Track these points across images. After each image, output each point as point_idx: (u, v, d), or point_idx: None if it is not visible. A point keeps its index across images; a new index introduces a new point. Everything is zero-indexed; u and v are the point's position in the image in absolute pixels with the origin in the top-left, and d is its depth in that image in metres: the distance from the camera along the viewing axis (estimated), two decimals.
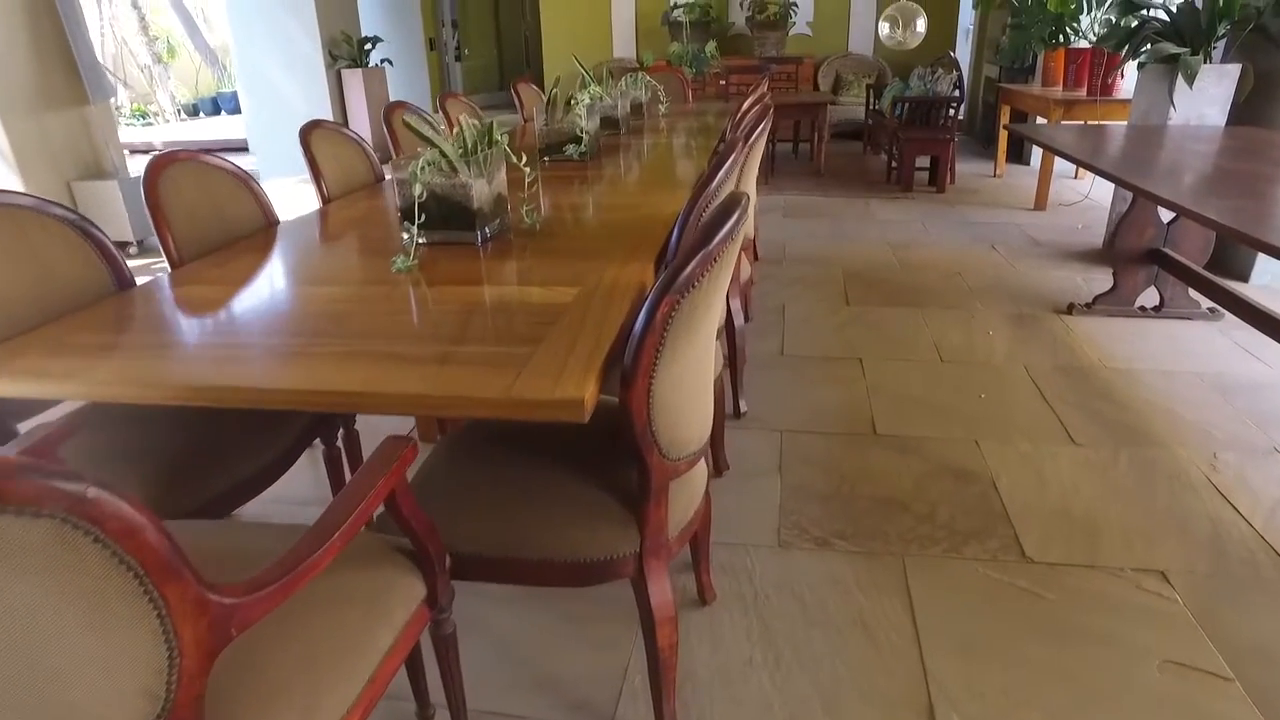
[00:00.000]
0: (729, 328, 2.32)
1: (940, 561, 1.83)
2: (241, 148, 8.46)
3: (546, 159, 2.70)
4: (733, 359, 2.40)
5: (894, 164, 6.03)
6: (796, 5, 7.91)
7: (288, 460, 1.58)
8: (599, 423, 1.14)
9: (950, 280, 3.77)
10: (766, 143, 6.19)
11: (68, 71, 4.68)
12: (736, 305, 2.30)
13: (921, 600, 1.71)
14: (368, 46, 7.47)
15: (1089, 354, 2.92)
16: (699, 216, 1.51)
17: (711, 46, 6.36)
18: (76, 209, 4.79)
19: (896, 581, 1.77)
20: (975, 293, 3.59)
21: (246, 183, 2.08)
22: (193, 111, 13.79)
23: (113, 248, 1.61)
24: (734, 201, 1.14)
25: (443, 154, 1.67)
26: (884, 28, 2.94)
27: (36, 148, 4.61)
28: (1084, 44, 5.28)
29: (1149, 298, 3.28)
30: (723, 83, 5.92)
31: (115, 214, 4.83)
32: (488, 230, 1.75)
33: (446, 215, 1.70)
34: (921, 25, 2.86)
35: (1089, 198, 5.36)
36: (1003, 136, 6.23)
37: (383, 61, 7.68)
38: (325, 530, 0.94)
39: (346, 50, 7.31)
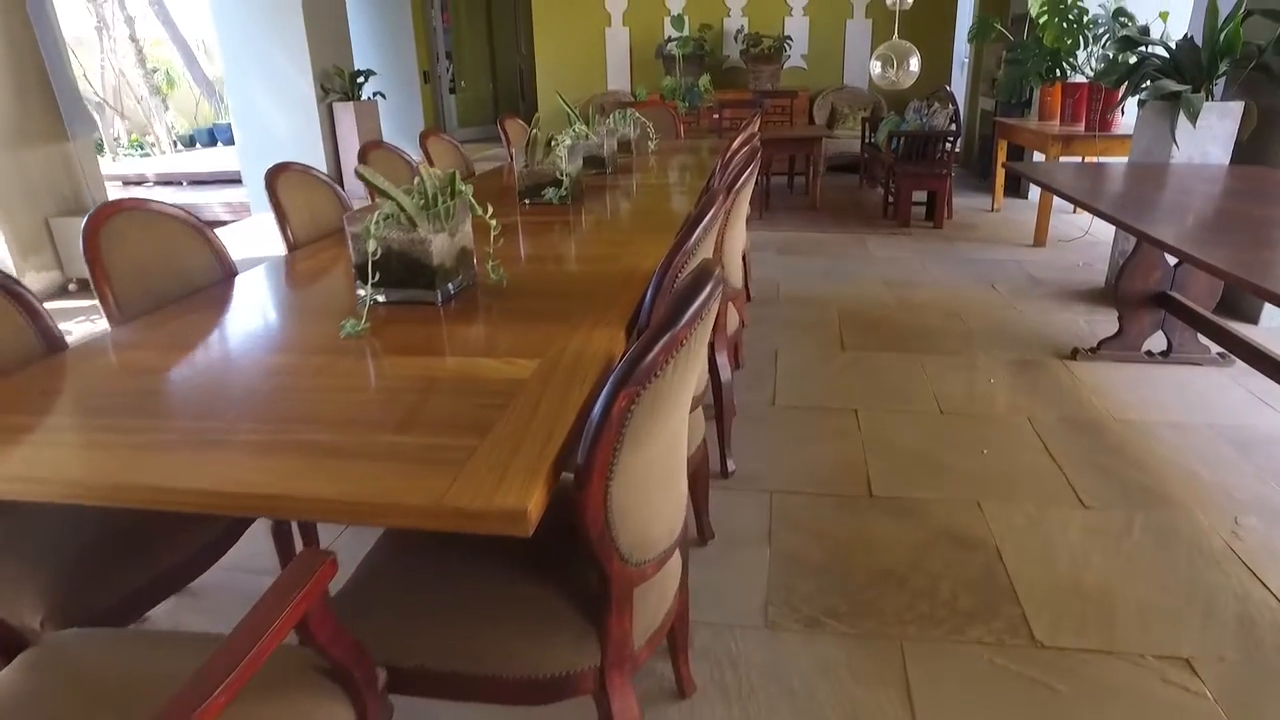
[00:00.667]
0: (714, 382, 2.19)
1: (942, 646, 1.68)
2: (235, 180, 8.40)
3: (528, 201, 2.58)
4: (720, 415, 2.26)
5: (890, 198, 5.94)
6: (791, 39, 7.89)
7: (225, 542, 1.44)
8: (556, 514, 1.00)
9: (949, 322, 3.65)
10: (762, 175, 6.14)
11: (48, 108, 4.60)
12: (723, 360, 2.17)
13: (921, 692, 1.56)
14: (360, 80, 7.43)
15: (1096, 404, 2.78)
16: (674, 278, 1.39)
17: (705, 80, 6.31)
18: (54, 243, 4.42)
19: (894, 670, 1.62)
20: (976, 336, 3.47)
21: (200, 231, 1.95)
22: (189, 143, 13.79)
23: (38, 306, 1.48)
24: (704, 274, 1.02)
25: (400, 207, 1.55)
26: (875, 67, 2.85)
27: (14, 184, 4.51)
28: (1081, 79, 5.21)
29: (1156, 342, 3.15)
30: (716, 116, 5.85)
31: None
32: (451, 287, 1.62)
33: (404, 273, 1.58)
34: (915, 64, 2.77)
35: (1089, 233, 5.26)
36: (1000, 171, 6.16)
37: (375, 95, 7.63)
38: (216, 671, 0.79)
39: (338, 83, 7.26)
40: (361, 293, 1.51)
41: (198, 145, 13.62)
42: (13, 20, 4.46)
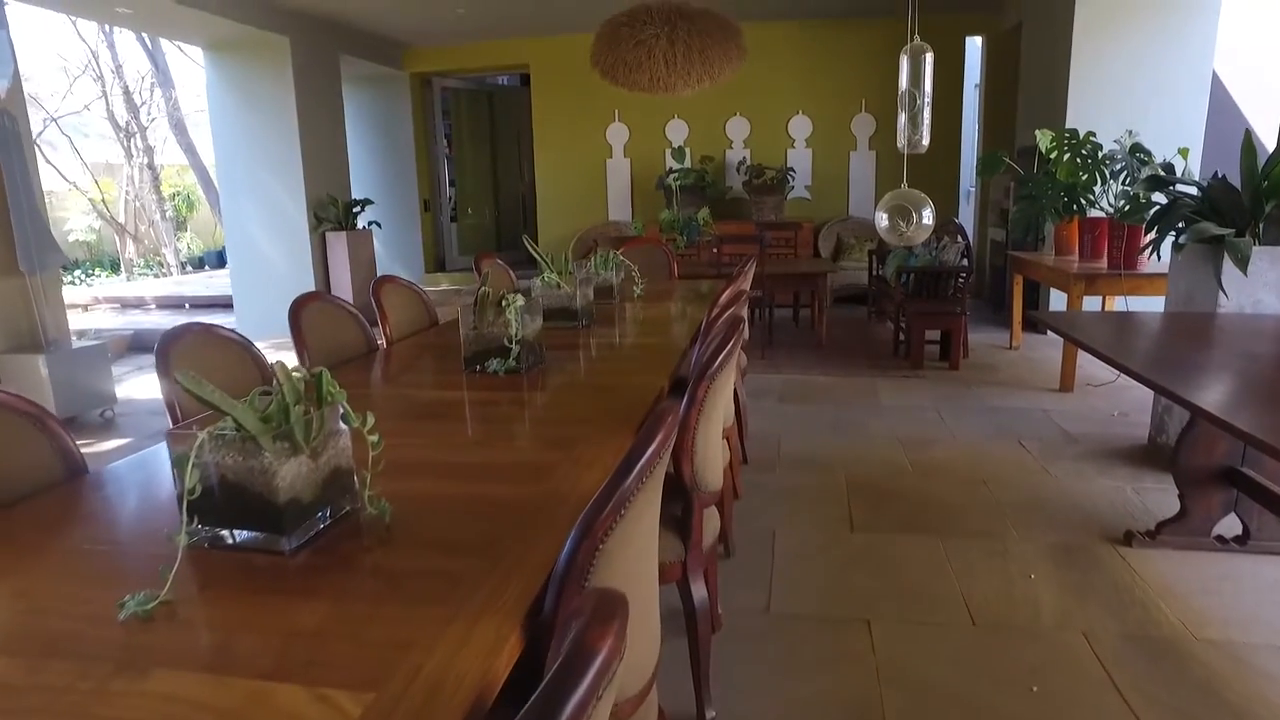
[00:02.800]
0: (687, 606, 1.72)
1: None
2: (228, 304, 8.22)
3: (479, 368, 2.20)
4: (695, 649, 1.78)
5: (901, 336, 5.58)
6: (794, 171, 7.80)
7: None
8: None
9: (974, 492, 3.17)
10: (765, 309, 5.83)
11: (7, 241, 4.37)
12: (699, 586, 1.71)
13: None
14: (356, 209, 7.33)
15: (1168, 614, 2.27)
16: (597, 538, 0.96)
17: (704, 213, 6.11)
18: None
19: None
20: (1006, 511, 2.99)
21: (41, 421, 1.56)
22: (199, 264, 13.90)
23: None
24: (610, 608, 0.58)
25: (236, 424, 1.14)
26: (882, 220, 2.54)
27: None
28: (1099, 213, 4.93)
29: (1229, 525, 2.66)
30: (715, 251, 5.60)
31: (38, 389, 4.39)
32: (317, 524, 1.20)
33: (241, 511, 1.16)
34: (929, 216, 2.47)
35: (1122, 377, 4.83)
36: (1017, 305, 5.82)
37: (371, 224, 7.52)
38: None
39: (333, 213, 7.15)
40: (184, 534, 1.09)
41: (206, 267, 13.72)
42: None
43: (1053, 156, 4.97)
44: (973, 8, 7.27)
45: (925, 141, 2.67)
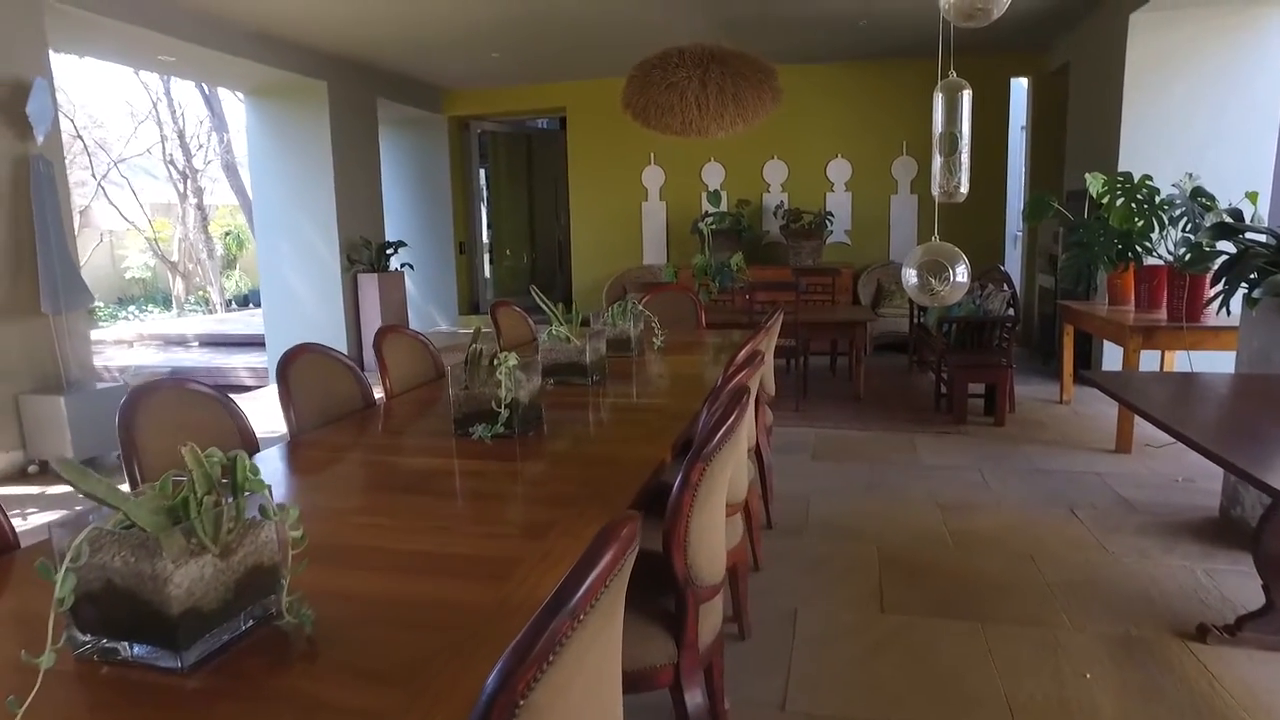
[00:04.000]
0: (679, 713, 1.50)
1: None
2: (263, 343, 8.27)
3: (471, 433, 2.02)
4: None
5: (943, 389, 5.29)
6: (832, 215, 7.60)
7: None
8: None
9: (1021, 569, 2.88)
10: (800, 358, 5.59)
11: (36, 282, 4.38)
12: (695, 695, 1.49)
13: None
14: (389, 251, 7.33)
15: None
16: (517, 695, 0.75)
17: (738, 258, 5.93)
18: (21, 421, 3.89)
19: None
20: (1057, 593, 2.69)
21: None
22: (244, 302, 14.18)
23: None
24: None
25: (126, 519, 0.98)
26: (911, 278, 2.28)
27: None
28: (1156, 261, 4.62)
29: None
30: (748, 297, 5.40)
31: (57, 430, 4.36)
32: (224, 635, 1.02)
33: (132, 621, 0.99)
34: (963, 273, 2.23)
35: None
36: (1068, 358, 5.48)
37: (403, 266, 7.51)
38: None
39: (365, 254, 7.16)
40: (41, 661, 0.91)
41: (251, 304, 13.97)
42: (19, 196, 4.35)
43: (1104, 201, 4.70)
44: (1018, 48, 7.06)
45: (964, 189, 2.43)
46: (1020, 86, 8.01)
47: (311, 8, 5.47)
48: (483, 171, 9.42)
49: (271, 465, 1.89)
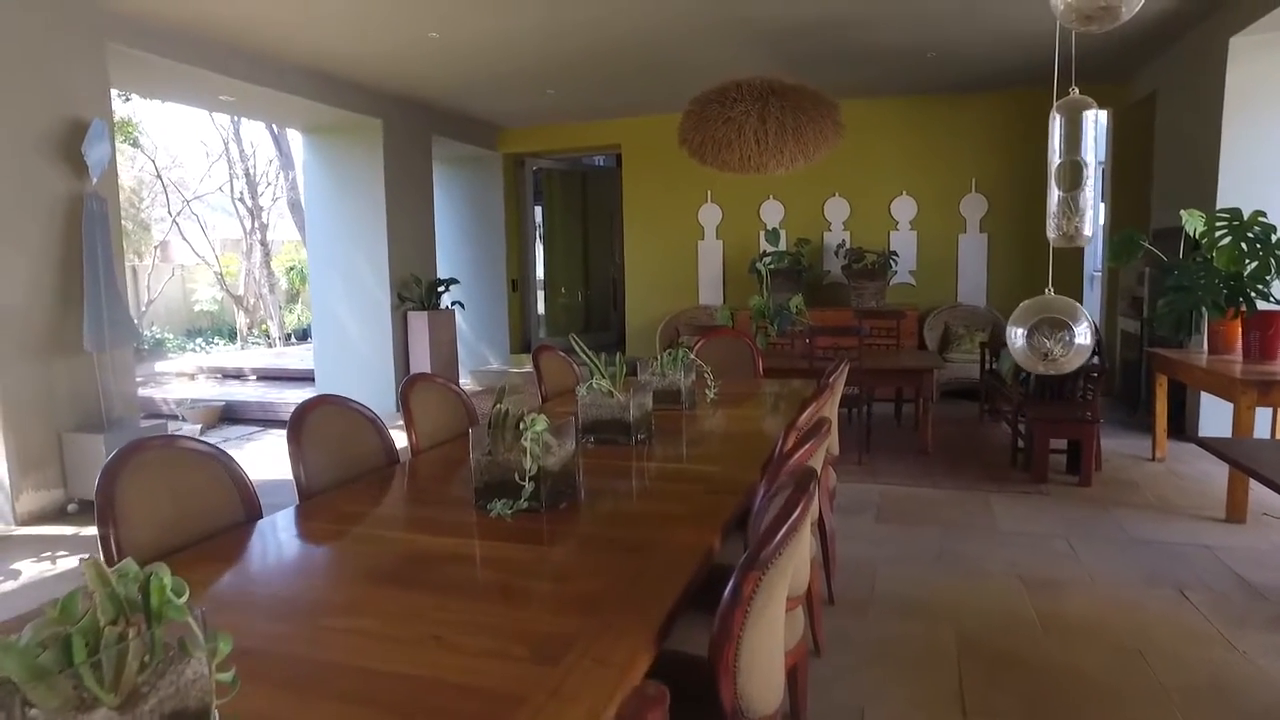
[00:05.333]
0: None
1: None
2: (311, 378, 8.26)
3: (490, 509, 1.77)
4: None
5: (1020, 443, 4.87)
6: (897, 255, 7.25)
7: None
8: None
9: (1128, 666, 2.49)
10: (863, 407, 5.24)
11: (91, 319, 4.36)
12: None
13: None
14: (440, 289, 7.25)
15: None
16: None
17: (797, 300, 5.63)
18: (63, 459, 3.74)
19: None
20: (1174, 699, 2.29)
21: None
22: (302, 336, 14.40)
23: None
24: None
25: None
26: (1017, 339, 1.92)
27: (31, 394, 4.20)
28: (1269, 306, 4.16)
29: None
30: (808, 342, 5.10)
31: (97, 469, 4.28)
32: None
33: None
34: (1084, 333, 1.87)
35: None
36: (1160, 411, 5.00)
37: (454, 304, 7.43)
38: None
39: (415, 292, 7.09)
40: None
41: (308, 339, 14.18)
42: (72, 234, 4.35)
43: (1204, 241, 4.29)
44: (1098, 78, 6.66)
45: (1087, 232, 2.07)
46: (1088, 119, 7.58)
47: (366, 46, 5.46)
48: (537, 209, 9.36)
49: (263, 541, 1.68)
